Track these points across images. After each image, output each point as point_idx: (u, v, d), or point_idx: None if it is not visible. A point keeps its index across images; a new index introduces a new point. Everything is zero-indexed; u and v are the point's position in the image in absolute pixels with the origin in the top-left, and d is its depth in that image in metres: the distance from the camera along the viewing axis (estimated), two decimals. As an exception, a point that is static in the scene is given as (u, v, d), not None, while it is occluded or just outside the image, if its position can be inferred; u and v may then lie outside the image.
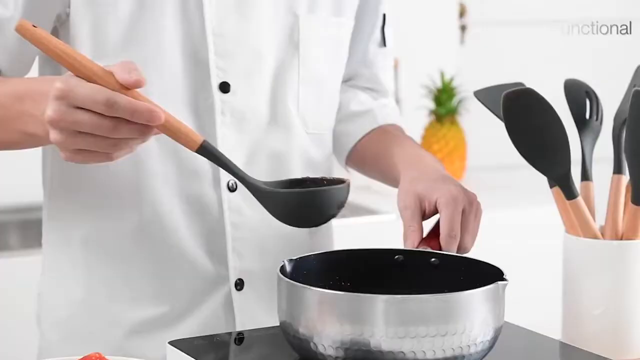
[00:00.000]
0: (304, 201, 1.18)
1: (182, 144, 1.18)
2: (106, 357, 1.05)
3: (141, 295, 1.43)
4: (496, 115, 1.41)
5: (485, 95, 1.45)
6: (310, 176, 1.28)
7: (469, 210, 1.32)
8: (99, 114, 1.11)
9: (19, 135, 1.27)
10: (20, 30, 1.13)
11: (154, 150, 1.39)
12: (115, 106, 1.11)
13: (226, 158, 1.20)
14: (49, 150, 1.47)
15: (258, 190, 1.20)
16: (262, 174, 1.44)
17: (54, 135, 1.14)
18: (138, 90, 1.14)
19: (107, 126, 1.11)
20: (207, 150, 1.18)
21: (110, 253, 1.42)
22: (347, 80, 1.60)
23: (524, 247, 2.73)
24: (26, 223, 2.65)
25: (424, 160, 1.45)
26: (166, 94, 1.38)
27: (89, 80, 1.13)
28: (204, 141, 1.18)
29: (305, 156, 1.48)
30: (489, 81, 1.49)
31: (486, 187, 1.53)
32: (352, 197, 2.98)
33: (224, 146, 1.41)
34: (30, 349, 1.50)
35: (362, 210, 2.79)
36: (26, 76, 1.41)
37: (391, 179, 1.50)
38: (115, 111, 1.11)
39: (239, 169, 1.21)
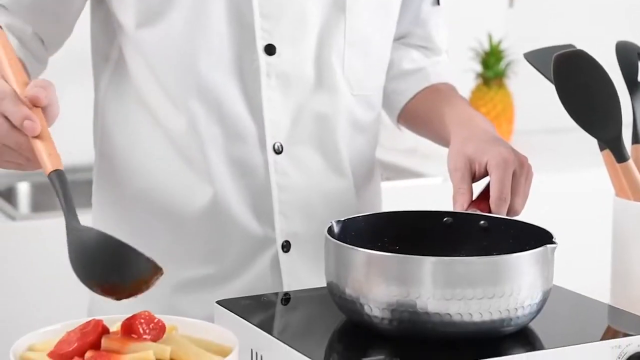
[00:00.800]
0: (103, 250, 1.05)
1: (41, 164, 1.10)
2: (155, 315, 1.06)
3: (189, 255, 1.44)
4: (546, 78, 1.39)
5: (535, 57, 1.43)
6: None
7: (519, 172, 1.31)
8: None
9: None
10: None
11: (200, 114, 1.39)
12: (4, 98, 1.09)
13: (70, 196, 1.08)
14: (99, 112, 1.49)
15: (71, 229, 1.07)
16: (307, 136, 1.44)
17: None
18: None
19: None
20: (56, 178, 1.08)
21: (159, 213, 1.43)
22: (399, 38, 1.58)
23: (573, 210, 2.71)
24: (74, 184, 2.66)
25: (474, 121, 1.44)
26: (211, 56, 1.38)
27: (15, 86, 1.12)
28: (57, 170, 1.08)
29: (352, 118, 1.47)
30: (537, 44, 1.47)
31: (534, 150, 1.52)
32: (399, 160, 3.00)
33: (270, 109, 1.41)
34: (80, 308, 1.52)
35: (408, 173, 2.78)
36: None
37: (441, 139, 1.49)
38: (2, 102, 1.09)
39: (74, 211, 1.08)
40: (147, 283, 1.05)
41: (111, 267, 1.05)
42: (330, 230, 1.20)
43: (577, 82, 1.29)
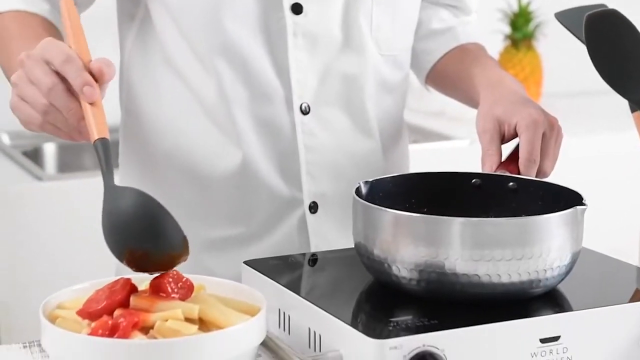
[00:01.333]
0: (145, 212, 1.04)
1: (88, 130, 1.09)
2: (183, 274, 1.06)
3: (216, 215, 1.44)
4: (577, 38, 1.37)
5: (566, 17, 1.42)
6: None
7: (549, 134, 1.30)
8: (53, 71, 1.11)
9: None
10: (63, 2, 1.17)
11: (226, 74, 1.39)
12: (70, 62, 1.10)
13: (111, 163, 1.07)
14: (124, 71, 1.48)
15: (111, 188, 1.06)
16: (334, 96, 1.43)
17: (15, 76, 1.14)
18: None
19: (47, 82, 1.10)
20: (101, 146, 1.07)
21: (186, 173, 1.43)
22: (428, -3, 1.57)
23: (602, 173, 2.69)
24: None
25: (504, 82, 1.43)
26: (237, 15, 1.37)
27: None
28: (103, 138, 1.08)
29: (380, 78, 1.47)
30: (567, 4, 1.46)
31: (562, 113, 1.51)
32: (426, 123, 2.99)
33: (297, 69, 1.40)
34: (107, 267, 1.53)
35: (435, 136, 2.77)
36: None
37: (470, 100, 1.48)
38: (67, 64, 1.10)
39: (112, 176, 1.07)
40: (175, 260, 1.05)
41: (150, 231, 1.05)
42: (358, 191, 1.19)
43: (609, 42, 1.28)
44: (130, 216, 1.05)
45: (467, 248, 1.07)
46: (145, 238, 1.05)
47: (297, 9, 1.39)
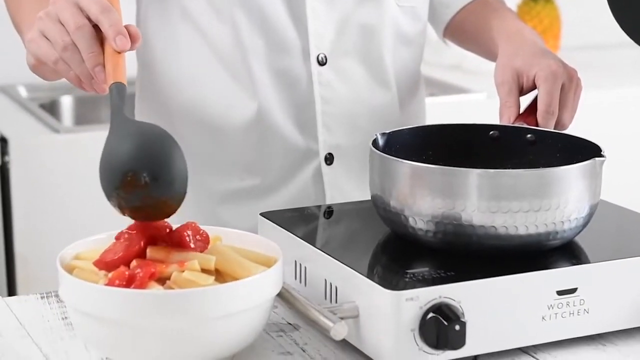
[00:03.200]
0: (150, 140, 1.02)
1: (100, 77, 1.09)
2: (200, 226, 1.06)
3: (232, 166, 1.44)
4: (597, -11, 1.36)
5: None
6: None
7: (568, 86, 1.29)
8: (84, 16, 1.09)
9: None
10: None
11: (243, 24, 1.38)
12: (107, 11, 1.08)
13: (124, 105, 1.06)
14: (141, 23, 1.47)
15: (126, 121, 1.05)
16: (352, 47, 1.42)
17: (42, 12, 1.12)
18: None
19: (77, 21, 1.08)
20: (115, 90, 1.07)
21: (201, 124, 1.43)
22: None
23: (621, 125, 2.68)
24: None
25: (523, 33, 1.41)
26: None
27: None
28: (120, 83, 1.07)
29: (397, 29, 1.46)
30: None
31: (580, 67, 1.49)
32: (443, 76, 2.97)
33: (314, 19, 1.39)
34: (124, 219, 1.53)
35: (452, 89, 2.76)
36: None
37: (489, 53, 1.47)
38: (104, 13, 1.08)
39: (122, 112, 1.06)
40: (166, 210, 1.02)
41: (160, 161, 1.01)
42: (374, 143, 1.19)
43: (630, -7, 1.26)
44: (143, 138, 1.02)
45: (484, 199, 1.07)
46: (152, 165, 1.01)
47: (314, -42, 1.38)
